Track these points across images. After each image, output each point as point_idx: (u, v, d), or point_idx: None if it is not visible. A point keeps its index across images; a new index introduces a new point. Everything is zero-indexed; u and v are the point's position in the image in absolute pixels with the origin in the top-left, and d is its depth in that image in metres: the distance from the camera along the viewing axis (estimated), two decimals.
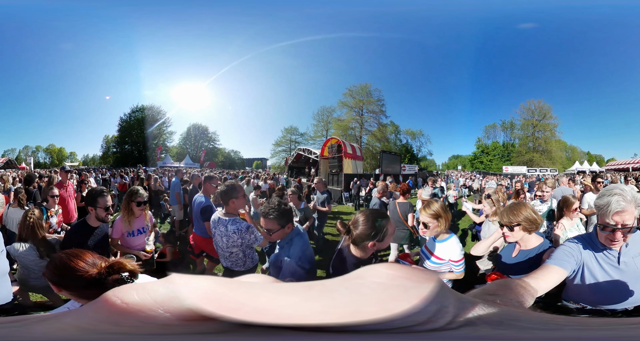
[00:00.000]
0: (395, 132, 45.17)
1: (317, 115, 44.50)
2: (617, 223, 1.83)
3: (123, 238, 3.84)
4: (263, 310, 0.29)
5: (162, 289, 0.31)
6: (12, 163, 37.86)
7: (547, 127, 41.44)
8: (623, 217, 1.82)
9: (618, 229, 1.84)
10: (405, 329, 0.30)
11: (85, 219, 3.51)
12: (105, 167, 40.97)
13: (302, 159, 30.69)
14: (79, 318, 0.32)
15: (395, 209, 5.82)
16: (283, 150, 45.49)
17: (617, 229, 1.84)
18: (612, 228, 1.85)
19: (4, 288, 2.58)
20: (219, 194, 3.52)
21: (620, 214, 1.82)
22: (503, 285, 0.72)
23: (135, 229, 3.86)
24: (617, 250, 1.96)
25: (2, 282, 2.58)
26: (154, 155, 41.68)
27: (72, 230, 3.57)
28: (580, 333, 0.34)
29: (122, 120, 46.38)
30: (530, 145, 42.08)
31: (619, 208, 1.81)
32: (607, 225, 1.87)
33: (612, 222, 1.84)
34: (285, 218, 2.66)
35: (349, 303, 0.30)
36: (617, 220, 1.83)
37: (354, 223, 2.28)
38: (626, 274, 1.94)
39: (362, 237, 2.22)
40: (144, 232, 3.97)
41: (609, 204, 1.83)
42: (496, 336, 0.32)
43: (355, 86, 42.39)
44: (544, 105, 41.46)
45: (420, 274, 0.34)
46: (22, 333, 0.32)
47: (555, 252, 2.02)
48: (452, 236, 2.94)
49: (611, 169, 35.41)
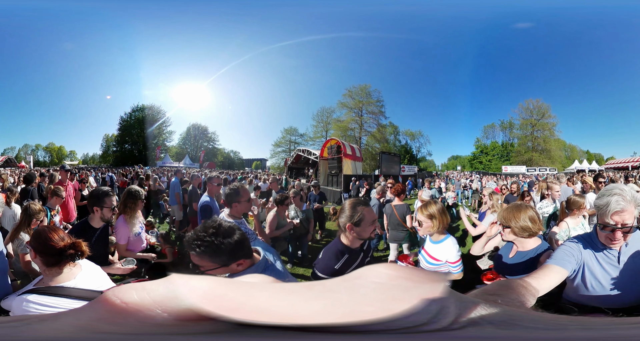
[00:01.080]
0: (395, 132, 45.30)
1: (316, 115, 44.58)
2: (617, 222, 1.85)
3: (130, 242, 3.76)
4: (262, 310, 0.29)
5: (162, 289, 0.31)
6: (11, 162, 37.82)
7: (546, 126, 41.56)
8: (623, 217, 1.83)
9: (618, 229, 1.85)
10: (406, 329, 0.30)
11: (87, 220, 3.45)
12: (105, 166, 40.94)
13: (302, 160, 30.73)
14: (79, 317, 0.32)
15: (392, 212, 5.79)
16: (283, 150, 45.57)
17: (617, 229, 1.85)
18: (612, 227, 1.86)
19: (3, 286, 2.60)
20: (224, 196, 3.53)
21: (619, 214, 1.83)
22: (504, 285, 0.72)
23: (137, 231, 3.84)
24: (617, 249, 1.97)
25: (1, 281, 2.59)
26: (153, 154, 41.67)
27: (74, 231, 3.51)
28: (583, 332, 0.34)
29: (123, 120, 46.39)
30: (529, 144, 42.18)
31: (619, 208, 1.82)
32: (606, 224, 1.88)
33: (611, 222, 1.85)
34: (224, 255, 1.76)
35: (348, 303, 0.30)
36: (616, 220, 1.84)
37: (341, 210, 2.46)
38: (627, 273, 1.94)
39: (343, 220, 2.39)
40: (141, 229, 3.96)
41: (608, 204, 1.84)
42: (501, 336, 0.32)
43: (354, 87, 42.53)
44: (543, 104, 41.62)
45: (421, 274, 0.34)
46: (22, 332, 0.32)
47: (556, 252, 2.03)
48: (448, 237, 2.95)
49: (611, 168, 35.49)
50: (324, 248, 2.57)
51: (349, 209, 2.40)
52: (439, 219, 2.88)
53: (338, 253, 2.39)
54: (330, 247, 2.49)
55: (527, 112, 42.40)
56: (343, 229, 2.41)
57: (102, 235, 3.49)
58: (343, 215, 2.41)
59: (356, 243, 2.45)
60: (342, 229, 2.42)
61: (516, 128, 43.65)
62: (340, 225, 2.43)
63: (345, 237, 2.43)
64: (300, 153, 31.03)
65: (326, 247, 2.55)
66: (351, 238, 2.42)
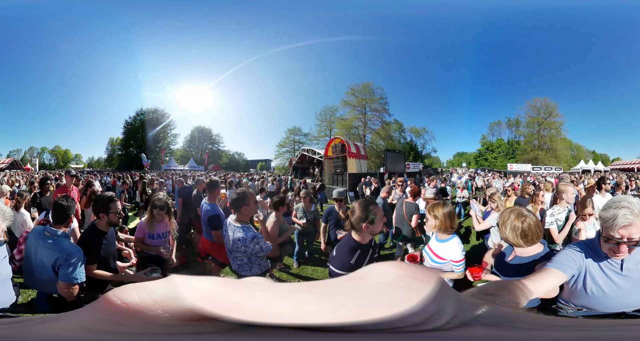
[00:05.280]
0: (399, 129, 45.17)
1: (320, 114, 44.65)
2: (623, 237, 1.76)
3: (145, 238, 4.09)
4: (262, 310, 0.29)
5: (162, 289, 0.31)
6: (17, 164, 38.16)
7: (553, 125, 41.32)
8: (630, 231, 1.75)
9: (624, 243, 1.77)
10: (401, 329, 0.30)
11: (95, 224, 3.52)
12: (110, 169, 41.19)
13: (307, 160, 30.74)
14: (80, 318, 0.32)
15: (401, 207, 5.92)
16: (287, 151, 45.70)
17: (623, 243, 1.77)
18: (617, 241, 1.78)
19: (6, 292, 2.62)
20: (231, 201, 3.55)
21: (627, 228, 1.75)
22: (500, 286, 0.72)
23: (156, 233, 4.10)
24: None
25: (5, 287, 2.62)
26: (157, 158, 41.85)
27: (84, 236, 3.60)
28: (580, 333, 0.34)
29: (127, 123, 46.70)
30: (535, 142, 41.92)
31: (626, 222, 1.74)
32: (611, 237, 1.79)
33: (617, 236, 1.77)
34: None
35: (350, 306, 0.30)
36: (622, 234, 1.76)
37: (352, 211, 2.67)
38: (629, 280, 1.89)
39: (357, 220, 2.60)
40: (163, 237, 4.14)
41: (615, 217, 1.76)
42: (490, 336, 0.32)
43: (357, 85, 42.51)
44: (550, 103, 41.41)
45: (427, 273, 0.34)
46: (24, 333, 0.33)
47: (558, 256, 1.98)
48: (454, 237, 3.02)
49: (616, 169, 35.16)
50: (336, 246, 2.77)
51: (362, 210, 2.61)
52: (442, 221, 2.96)
53: (352, 249, 2.61)
54: (343, 245, 2.69)
55: (535, 110, 42.29)
56: (357, 228, 2.62)
57: (110, 237, 3.60)
58: (356, 215, 2.61)
59: (367, 239, 2.67)
60: (356, 228, 2.62)
61: (523, 126, 43.58)
62: (354, 224, 2.63)
63: (357, 234, 2.64)
64: (304, 153, 31.05)
65: (338, 245, 2.74)
66: (364, 235, 2.64)
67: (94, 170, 38.91)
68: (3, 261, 2.62)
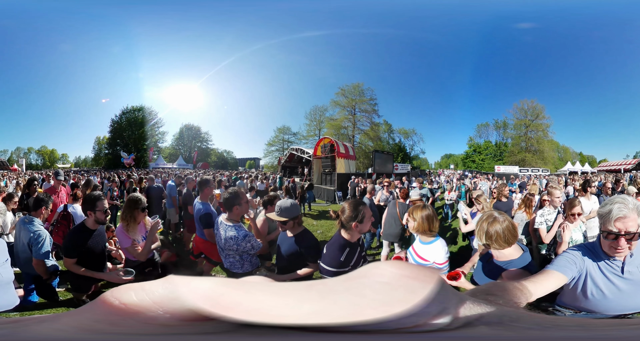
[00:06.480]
0: (388, 131, 45.41)
1: (309, 114, 44.60)
2: (620, 229, 1.81)
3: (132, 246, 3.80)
4: (262, 310, 0.29)
5: (161, 289, 0.31)
6: (3, 165, 37.48)
7: (540, 127, 41.85)
8: (626, 224, 1.80)
9: (621, 235, 1.82)
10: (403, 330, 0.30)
11: (84, 222, 3.62)
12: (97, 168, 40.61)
13: (295, 159, 30.68)
14: (78, 318, 0.32)
15: (394, 207, 6.09)
16: (276, 149, 45.54)
17: (621, 235, 1.82)
18: (616, 234, 1.83)
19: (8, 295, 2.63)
20: (223, 201, 3.60)
21: (622, 220, 1.80)
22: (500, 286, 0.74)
23: (140, 236, 3.89)
24: (622, 259, 1.93)
25: (7, 290, 2.62)
26: (145, 156, 41.40)
27: (72, 233, 3.65)
28: (581, 333, 0.35)
29: (114, 122, 46.00)
30: (522, 144, 42.43)
31: (621, 215, 1.79)
32: (610, 231, 1.84)
33: (614, 229, 1.82)
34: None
35: (349, 306, 0.29)
36: (619, 227, 1.81)
37: (342, 211, 2.79)
38: (630, 283, 1.92)
39: (347, 219, 2.72)
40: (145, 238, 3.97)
41: (610, 211, 1.82)
42: (494, 336, 0.32)
43: (347, 85, 42.58)
44: (538, 105, 41.96)
45: (427, 273, 0.34)
46: (21, 333, 0.32)
47: (558, 258, 2.01)
48: (438, 239, 3.02)
49: (603, 170, 35.77)
50: (326, 245, 2.86)
51: (352, 209, 2.73)
52: (420, 223, 2.98)
53: (341, 247, 2.71)
54: (333, 243, 2.79)
55: (522, 113, 42.79)
56: (347, 227, 2.73)
57: (99, 235, 3.67)
58: (346, 215, 2.73)
59: (355, 237, 2.79)
60: (346, 226, 2.73)
61: (510, 128, 44.06)
62: (344, 223, 2.73)
63: (347, 232, 2.76)
64: (293, 152, 30.95)
65: (328, 243, 2.84)
66: (353, 234, 2.75)
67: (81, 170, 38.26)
68: (4, 264, 2.63)
